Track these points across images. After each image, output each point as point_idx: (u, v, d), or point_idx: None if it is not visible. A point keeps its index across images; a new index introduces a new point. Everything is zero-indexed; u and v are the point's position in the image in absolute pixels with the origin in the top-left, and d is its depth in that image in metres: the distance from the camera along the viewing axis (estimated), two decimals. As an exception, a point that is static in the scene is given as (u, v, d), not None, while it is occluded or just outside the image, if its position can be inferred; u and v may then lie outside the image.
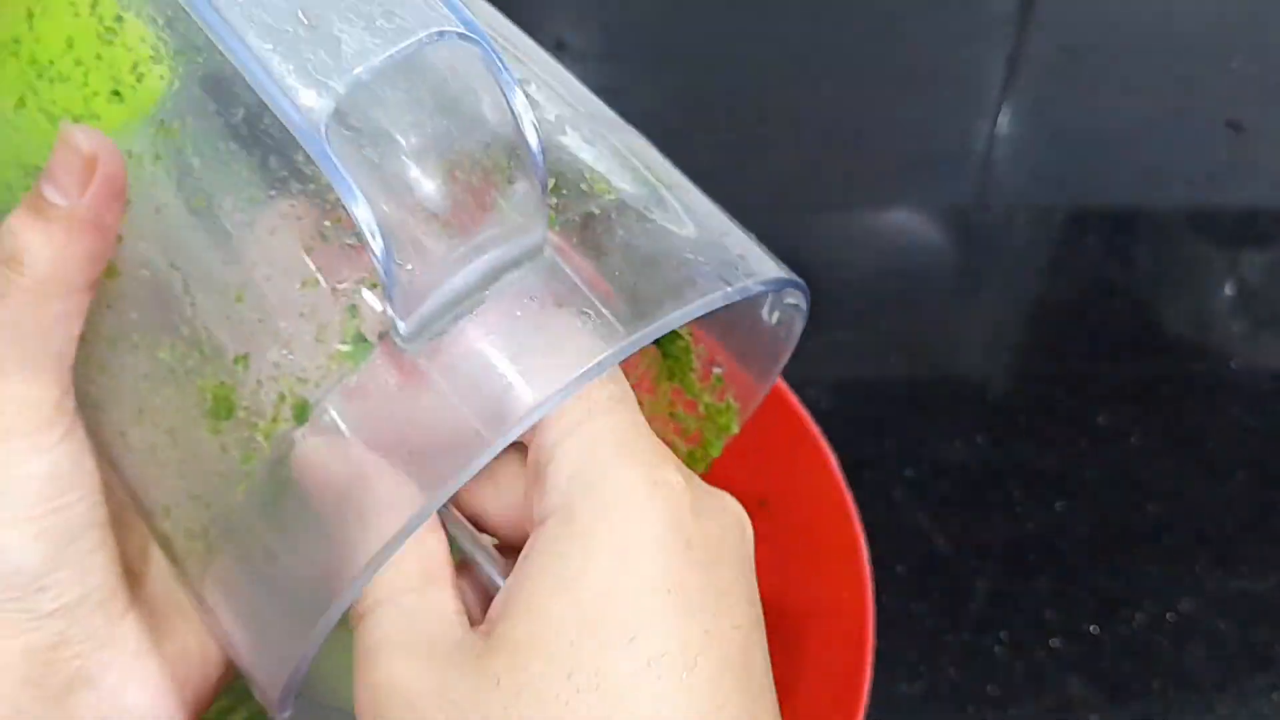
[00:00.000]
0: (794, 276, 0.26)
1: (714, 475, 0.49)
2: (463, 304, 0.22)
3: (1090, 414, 0.62)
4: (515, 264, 0.22)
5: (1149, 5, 0.89)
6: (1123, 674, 0.53)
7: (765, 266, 0.25)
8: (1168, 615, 0.55)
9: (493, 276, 0.22)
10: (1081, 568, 0.56)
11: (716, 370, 0.33)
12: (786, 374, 0.45)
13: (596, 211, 0.24)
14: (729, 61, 0.81)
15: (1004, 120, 0.80)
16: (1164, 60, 0.84)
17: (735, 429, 0.34)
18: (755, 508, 0.48)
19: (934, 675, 0.52)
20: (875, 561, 0.40)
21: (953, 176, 0.76)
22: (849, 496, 0.41)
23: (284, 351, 0.22)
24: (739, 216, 0.26)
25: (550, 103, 0.25)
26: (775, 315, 0.30)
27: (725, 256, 0.25)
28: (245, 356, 0.23)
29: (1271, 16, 0.88)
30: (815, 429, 0.43)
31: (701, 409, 0.34)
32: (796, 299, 0.28)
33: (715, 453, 0.35)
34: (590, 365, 0.21)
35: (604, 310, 0.22)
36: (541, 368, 0.22)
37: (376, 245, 0.20)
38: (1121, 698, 0.52)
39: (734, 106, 0.79)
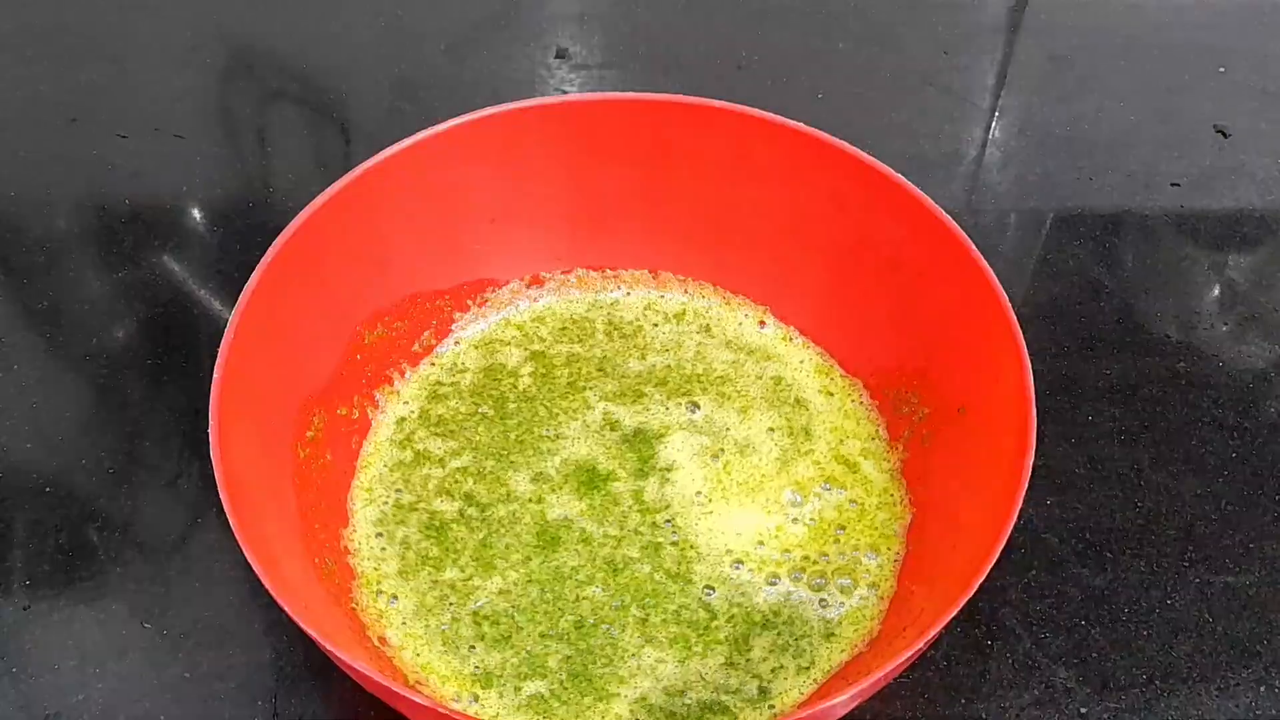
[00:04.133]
0: None
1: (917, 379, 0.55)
2: None
3: (1078, 413, 0.63)
4: None
5: (1137, 13, 0.89)
6: (1110, 667, 0.53)
7: None
8: (1154, 610, 0.55)
9: None
10: (1070, 562, 0.56)
11: None
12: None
13: None
14: (726, 68, 0.82)
15: (994, 126, 0.80)
16: (1152, 66, 0.85)
17: None
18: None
19: (924, 666, 0.52)
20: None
21: (944, 181, 0.76)
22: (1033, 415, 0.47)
23: None
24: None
25: None
26: None
27: None
28: None
29: (1259, 23, 0.88)
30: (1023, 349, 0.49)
31: None
32: None
33: None
34: None
35: None
36: None
37: None
38: (1109, 690, 0.52)
39: (730, 112, 0.80)
